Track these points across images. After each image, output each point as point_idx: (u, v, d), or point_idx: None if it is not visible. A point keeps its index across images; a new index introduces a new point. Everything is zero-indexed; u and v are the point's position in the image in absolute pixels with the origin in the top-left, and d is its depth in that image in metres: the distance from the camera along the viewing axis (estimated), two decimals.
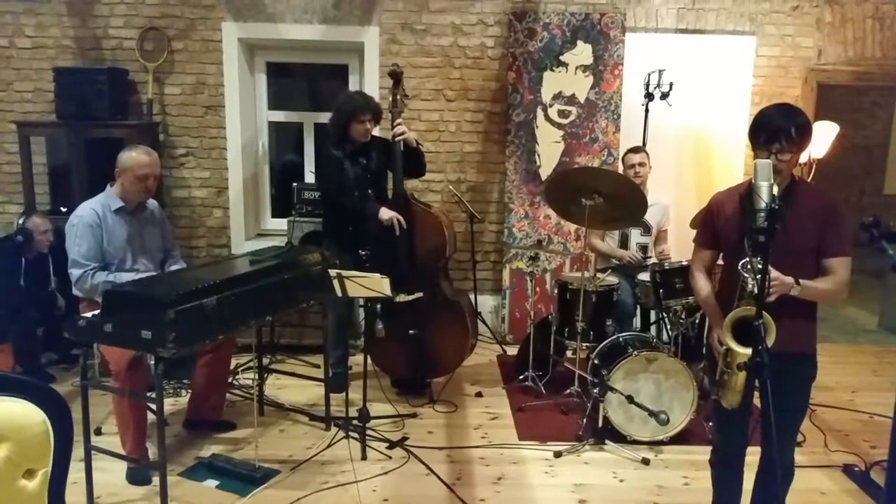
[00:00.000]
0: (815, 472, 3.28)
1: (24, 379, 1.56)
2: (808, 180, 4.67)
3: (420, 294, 3.89)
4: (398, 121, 3.92)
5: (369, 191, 3.99)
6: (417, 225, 3.93)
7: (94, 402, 3.14)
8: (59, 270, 4.11)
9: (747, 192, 2.12)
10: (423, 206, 4.06)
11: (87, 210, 3.18)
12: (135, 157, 3.20)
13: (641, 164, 4.22)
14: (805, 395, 2.40)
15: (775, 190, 2.01)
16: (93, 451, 2.86)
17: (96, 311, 2.73)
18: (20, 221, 4.17)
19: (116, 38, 4.96)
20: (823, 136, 4.61)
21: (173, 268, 3.47)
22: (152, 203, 3.46)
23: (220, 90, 5.01)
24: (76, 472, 2.77)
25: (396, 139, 3.91)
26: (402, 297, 3.84)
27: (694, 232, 4.02)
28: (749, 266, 2.03)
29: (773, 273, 2.07)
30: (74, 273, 3.12)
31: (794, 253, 2.20)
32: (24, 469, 1.50)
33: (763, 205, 1.93)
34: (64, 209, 4.53)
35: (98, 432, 3.44)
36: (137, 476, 3.05)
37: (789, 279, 2.15)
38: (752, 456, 2.46)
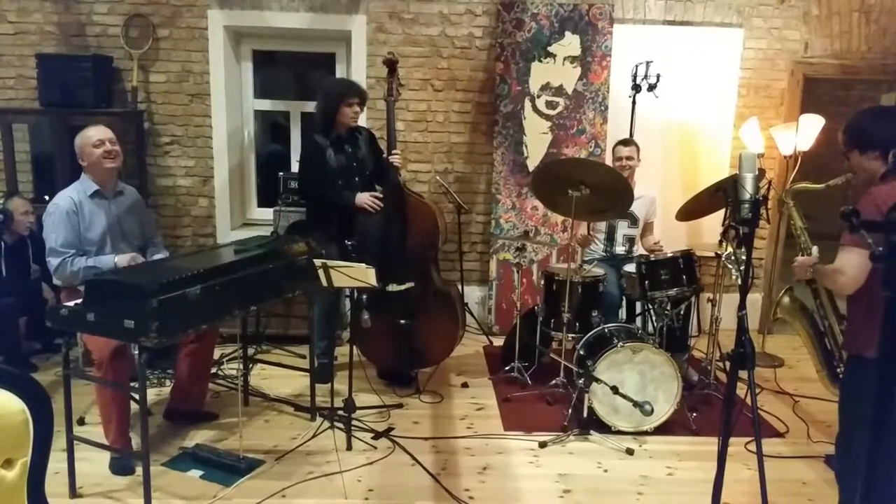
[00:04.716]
0: (797, 463, 3.32)
1: (2, 368, 1.55)
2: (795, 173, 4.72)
3: (411, 284, 3.88)
4: (395, 151, 3.92)
5: (356, 178, 3.97)
6: (411, 214, 3.92)
7: (78, 392, 3.12)
8: (40, 257, 4.08)
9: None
10: (416, 195, 4.05)
11: (64, 198, 3.15)
12: (82, 133, 3.20)
13: (629, 157, 4.23)
14: (854, 399, 2.32)
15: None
16: (75, 441, 2.84)
17: (78, 300, 2.70)
18: (0, 202, 4.14)
19: (101, 24, 4.89)
20: (809, 130, 4.63)
21: (155, 257, 3.44)
22: (130, 189, 3.44)
23: (205, 78, 4.96)
24: (59, 461, 2.77)
25: (392, 162, 3.90)
26: (393, 287, 3.83)
27: (680, 224, 4.07)
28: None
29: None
30: (53, 262, 3.09)
31: None
32: (2, 459, 1.48)
33: (747, 196, 1.94)
34: (47, 197, 4.46)
35: (81, 422, 3.42)
36: (121, 466, 3.03)
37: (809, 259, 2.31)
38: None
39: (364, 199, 3.86)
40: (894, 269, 0.94)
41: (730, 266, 3.46)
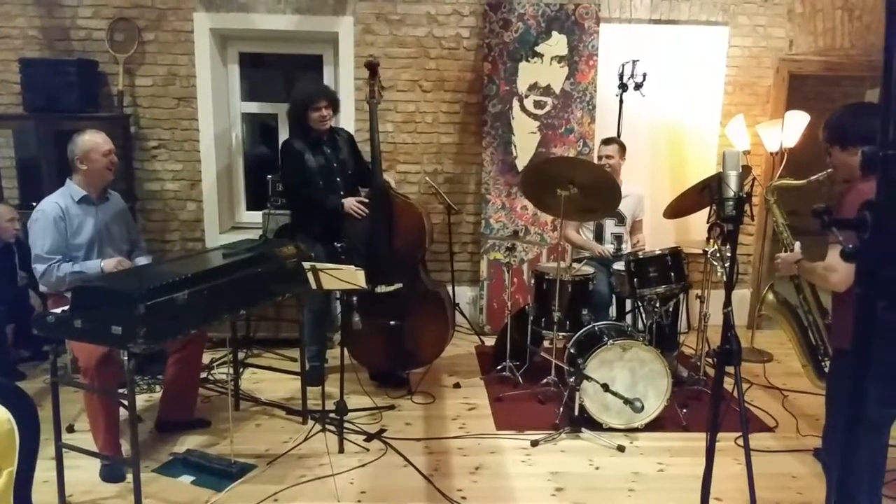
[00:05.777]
0: (786, 457, 3.34)
1: None
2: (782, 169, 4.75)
3: (400, 285, 3.89)
4: (388, 176, 4.00)
5: (337, 179, 3.96)
6: (397, 216, 3.92)
7: (68, 399, 3.11)
8: (26, 264, 4.05)
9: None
10: (402, 197, 4.07)
11: (50, 204, 3.14)
12: (90, 139, 3.19)
13: (609, 157, 4.25)
14: (839, 392, 2.35)
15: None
16: (64, 449, 2.82)
17: (66, 307, 2.68)
18: None
19: (85, 28, 4.86)
20: (795, 126, 4.66)
21: (140, 260, 3.43)
22: (114, 195, 3.43)
23: (192, 81, 4.95)
24: (48, 470, 2.75)
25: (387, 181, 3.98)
26: (381, 289, 3.83)
27: (668, 221, 4.09)
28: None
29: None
30: (39, 268, 3.08)
31: None
32: None
33: (731, 193, 1.95)
34: (34, 203, 4.42)
35: (70, 430, 3.40)
36: (111, 473, 3.01)
37: (793, 256, 2.31)
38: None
39: (350, 204, 3.85)
40: (865, 267, 0.95)
41: (715, 263, 3.48)
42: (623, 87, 4.71)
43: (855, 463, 1.09)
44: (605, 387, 3.39)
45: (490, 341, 4.73)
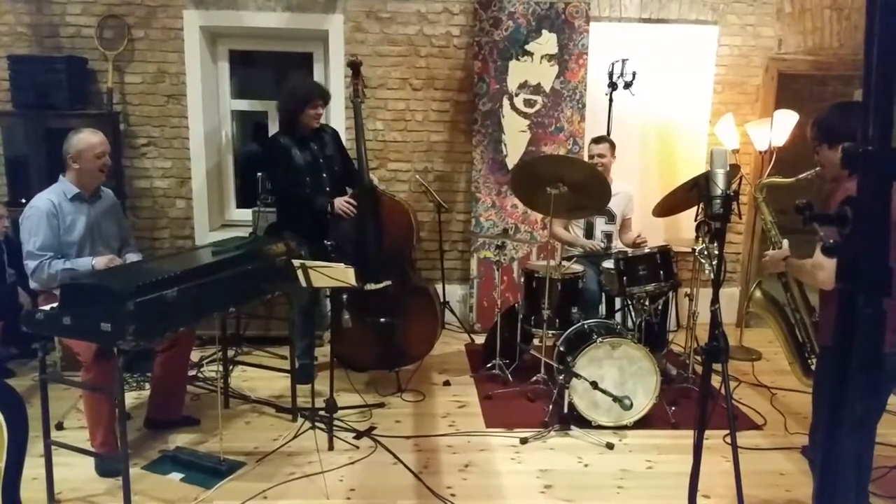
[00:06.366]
0: (774, 454, 3.37)
1: None
2: (770, 167, 4.78)
3: (389, 282, 3.90)
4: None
5: (324, 175, 3.96)
6: (385, 214, 3.94)
7: (57, 397, 3.10)
8: (15, 262, 4.02)
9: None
10: (388, 195, 4.10)
11: (43, 200, 3.12)
12: (85, 138, 3.18)
13: (601, 155, 4.28)
14: (826, 389, 2.37)
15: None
16: (53, 447, 2.81)
17: (55, 304, 2.67)
18: None
19: (74, 25, 4.84)
20: (783, 125, 4.69)
21: (130, 257, 3.42)
22: (107, 192, 3.42)
23: (181, 79, 4.93)
24: (37, 467, 2.74)
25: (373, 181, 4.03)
26: (370, 286, 3.84)
27: (657, 220, 4.11)
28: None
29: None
30: (30, 264, 3.06)
31: None
32: None
33: (718, 192, 1.96)
34: (23, 201, 4.41)
35: (60, 427, 3.38)
36: (108, 467, 2.98)
37: (781, 253, 2.33)
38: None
39: (339, 205, 3.85)
40: (846, 262, 0.97)
41: (703, 261, 3.50)
42: (613, 85, 4.72)
43: (840, 458, 1.10)
44: (595, 384, 3.40)
45: (480, 339, 4.74)
